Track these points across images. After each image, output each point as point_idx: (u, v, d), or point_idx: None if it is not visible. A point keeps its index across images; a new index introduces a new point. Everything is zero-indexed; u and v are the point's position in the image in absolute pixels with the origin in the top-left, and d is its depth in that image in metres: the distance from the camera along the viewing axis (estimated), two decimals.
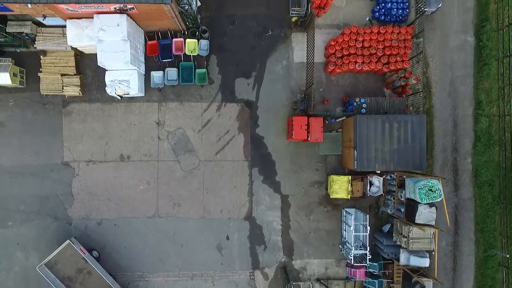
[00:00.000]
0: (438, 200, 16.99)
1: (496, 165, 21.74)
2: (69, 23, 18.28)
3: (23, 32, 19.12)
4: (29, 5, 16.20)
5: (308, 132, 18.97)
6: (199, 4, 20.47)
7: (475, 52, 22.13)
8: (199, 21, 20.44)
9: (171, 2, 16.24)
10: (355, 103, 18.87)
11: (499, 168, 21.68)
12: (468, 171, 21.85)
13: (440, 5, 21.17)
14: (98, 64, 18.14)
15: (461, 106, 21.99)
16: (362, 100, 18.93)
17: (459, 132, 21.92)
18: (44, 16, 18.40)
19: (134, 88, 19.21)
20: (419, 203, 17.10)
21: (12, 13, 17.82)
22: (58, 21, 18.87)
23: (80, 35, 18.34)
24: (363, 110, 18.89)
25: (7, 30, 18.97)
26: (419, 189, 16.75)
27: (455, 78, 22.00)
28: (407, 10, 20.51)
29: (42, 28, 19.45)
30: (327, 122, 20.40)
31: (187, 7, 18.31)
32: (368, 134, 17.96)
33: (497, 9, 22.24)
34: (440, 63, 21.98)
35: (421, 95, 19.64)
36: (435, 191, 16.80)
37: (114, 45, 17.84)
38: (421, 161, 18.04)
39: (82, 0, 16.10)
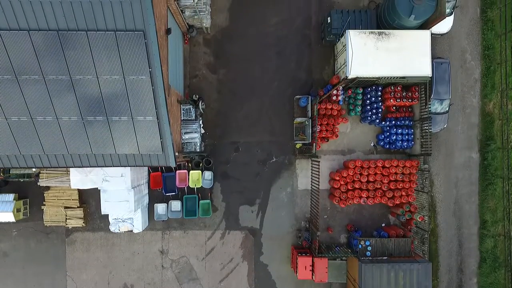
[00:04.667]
0: None
1: None
2: (72, 168, 18.20)
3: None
4: (34, 169, 16.12)
5: (313, 273, 18.85)
6: (202, 131, 20.44)
7: (480, 169, 22.01)
8: (203, 149, 20.39)
9: (175, 164, 16.15)
10: (360, 246, 18.77)
11: None
12: None
13: (445, 125, 21.12)
14: (102, 213, 18.06)
15: (466, 225, 21.88)
16: (367, 243, 18.82)
17: (464, 251, 21.80)
18: None
19: (138, 227, 19.14)
20: None
21: None
22: None
23: (83, 180, 18.26)
24: (368, 253, 18.77)
25: (11, 172, 18.94)
26: None
27: (460, 196, 21.88)
28: (412, 142, 20.38)
29: None
30: (331, 253, 20.25)
31: (191, 150, 18.26)
32: (373, 283, 17.85)
33: (502, 126, 22.15)
34: (445, 181, 21.86)
35: (426, 235, 19.52)
36: None
37: (118, 195, 17.80)
38: None
39: (85, 164, 16.02)
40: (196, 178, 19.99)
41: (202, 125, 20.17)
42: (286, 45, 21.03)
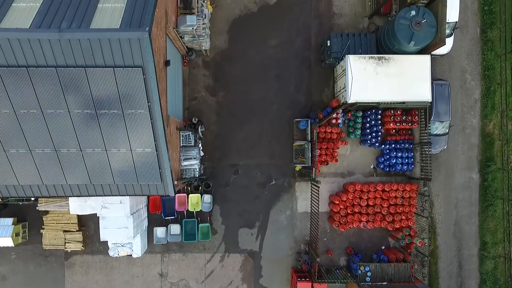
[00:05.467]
0: None
1: None
2: None
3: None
4: (32, 198, 16.08)
5: None
6: (202, 154, 20.39)
7: (480, 190, 21.94)
8: (202, 172, 20.33)
9: (174, 193, 16.09)
10: (359, 271, 18.71)
11: None
12: None
13: (445, 147, 21.07)
14: (101, 240, 18.02)
15: (466, 246, 21.81)
16: (367, 268, 18.77)
17: (464, 273, 21.74)
18: None
19: (137, 251, 19.09)
20: None
21: None
22: None
23: (82, 206, 18.22)
24: (368, 279, 18.71)
25: (9, 199, 18.90)
26: None
27: (460, 217, 21.82)
28: (412, 166, 20.33)
29: None
30: (330, 278, 20.18)
31: (190, 176, 18.21)
32: None
33: (502, 146, 22.09)
34: (445, 202, 21.78)
35: (426, 259, 19.46)
36: None
37: (117, 221, 17.75)
38: None
39: (84, 194, 15.98)
40: (195, 201, 19.94)
41: (201, 148, 20.13)
42: (286, 67, 20.98)
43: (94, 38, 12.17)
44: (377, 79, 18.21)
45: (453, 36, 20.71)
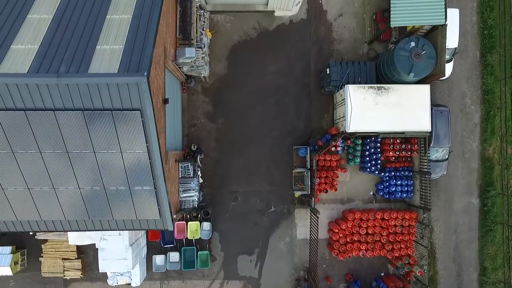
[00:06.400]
0: None
1: None
2: None
3: None
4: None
5: None
6: (201, 181, 20.35)
7: (479, 215, 21.90)
8: (201, 199, 20.29)
9: (173, 228, 16.05)
10: None
11: None
12: None
13: (445, 172, 21.03)
14: (100, 271, 17.98)
15: (466, 271, 21.77)
16: None
17: None
18: None
19: (136, 281, 19.06)
20: None
21: None
22: None
23: (81, 236, 18.21)
24: None
25: None
26: None
27: (459, 242, 21.78)
28: (412, 193, 20.28)
29: None
30: None
31: (189, 207, 18.17)
32: None
33: (502, 171, 22.05)
34: (444, 227, 21.75)
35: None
36: None
37: (116, 253, 17.72)
38: None
39: (83, 229, 15.94)
40: (195, 229, 19.91)
41: (200, 175, 20.08)
42: (285, 93, 20.94)
43: (92, 83, 12.12)
44: (377, 109, 18.16)
45: (452, 61, 20.67)
